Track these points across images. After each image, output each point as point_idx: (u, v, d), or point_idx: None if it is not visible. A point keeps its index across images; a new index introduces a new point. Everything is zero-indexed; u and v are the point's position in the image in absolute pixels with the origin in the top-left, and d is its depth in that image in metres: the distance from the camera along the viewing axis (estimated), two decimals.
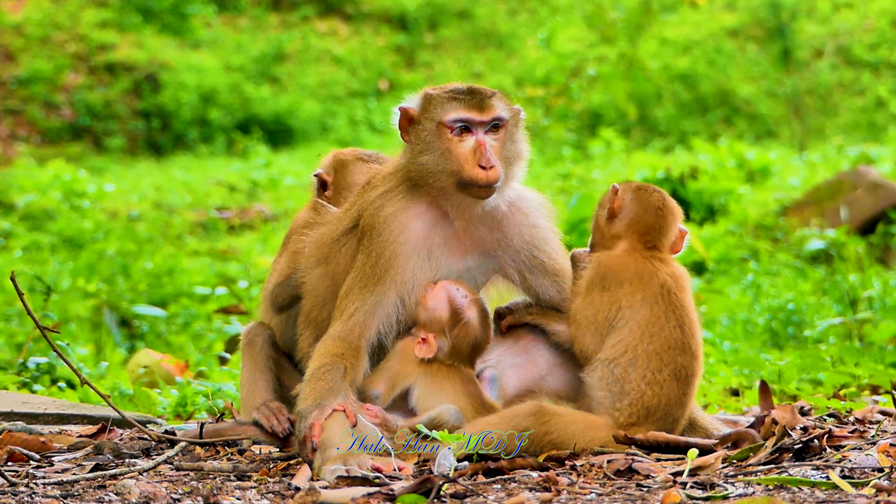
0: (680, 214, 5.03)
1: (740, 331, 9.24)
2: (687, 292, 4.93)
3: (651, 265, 4.90)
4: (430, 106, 4.94)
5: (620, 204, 4.97)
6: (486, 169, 4.86)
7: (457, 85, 4.99)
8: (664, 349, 4.82)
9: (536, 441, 4.76)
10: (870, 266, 11.83)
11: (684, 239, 5.05)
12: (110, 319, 9.98)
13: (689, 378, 4.85)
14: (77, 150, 21.27)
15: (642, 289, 4.85)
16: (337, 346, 4.86)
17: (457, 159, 4.88)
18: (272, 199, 17.22)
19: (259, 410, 5.31)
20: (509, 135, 4.98)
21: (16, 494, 4.44)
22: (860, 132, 21.21)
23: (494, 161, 4.87)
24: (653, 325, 4.83)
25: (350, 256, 5.04)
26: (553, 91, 19.48)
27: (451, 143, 4.91)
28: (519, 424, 4.75)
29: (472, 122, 4.91)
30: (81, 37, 23.18)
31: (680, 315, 4.85)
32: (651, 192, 5.02)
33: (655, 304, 4.83)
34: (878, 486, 4.10)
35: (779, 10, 22.95)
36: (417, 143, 4.95)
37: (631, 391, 4.78)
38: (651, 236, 4.94)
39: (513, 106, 5.03)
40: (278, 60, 23.75)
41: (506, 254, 5.06)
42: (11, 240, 14.77)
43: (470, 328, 5.01)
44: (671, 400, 4.81)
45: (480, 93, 4.94)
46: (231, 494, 4.44)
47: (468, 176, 4.86)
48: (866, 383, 6.87)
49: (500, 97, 4.98)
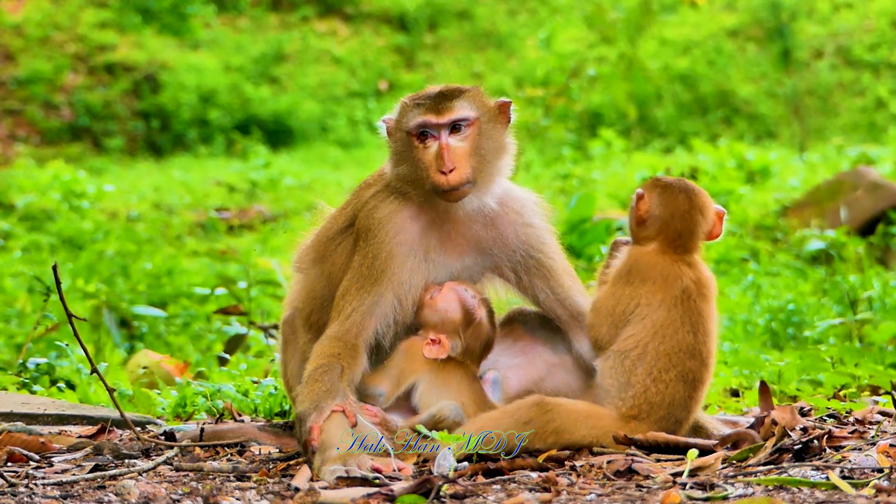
0: (709, 204, 5.01)
1: (740, 331, 9.23)
2: (708, 300, 4.93)
3: (678, 269, 4.91)
4: (401, 115, 4.96)
5: (647, 209, 4.96)
6: (445, 174, 4.84)
7: (429, 90, 4.97)
8: (674, 351, 4.83)
9: (540, 431, 4.76)
10: (870, 266, 11.82)
11: (722, 221, 5.03)
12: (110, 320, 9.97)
13: (696, 383, 4.86)
14: (76, 150, 21.27)
15: (664, 290, 4.87)
16: (334, 347, 4.85)
17: (424, 166, 4.88)
18: (272, 200, 17.21)
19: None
20: (484, 132, 4.93)
21: (15, 495, 4.43)
22: (860, 132, 21.21)
23: (455, 163, 4.84)
24: (667, 327, 4.84)
25: (346, 256, 5.04)
26: (553, 91, 19.48)
27: (417, 150, 4.91)
28: (521, 416, 4.76)
29: (431, 126, 4.89)
30: (81, 37, 23.17)
31: (696, 321, 4.86)
32: (676, 195, 4.99)
33: (673, 308, 4.85)
34: (878, 487, 4.10)
35: (779, 10, 22.95)
36: (394, 153, 4.97)
37: (636, 384, 4.80)
38: (681, 240, 4.94)
39: (489, 101, 4.99)
40: (278, 61, 23.74)
41: (501, 253, 5.06)
42: (11, 240, 14.76)
43: (482, 328, 5.03)
44: (675, 400, 4.81)
45: (443, 95, 4.90)
46: (231, 495, 4.43)
47: (431, 182, 4.86)
48: (866, 384, 6.86)
49: (470, 96, 4.93)
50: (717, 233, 5.03)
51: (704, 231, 5.01)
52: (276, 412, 6.43)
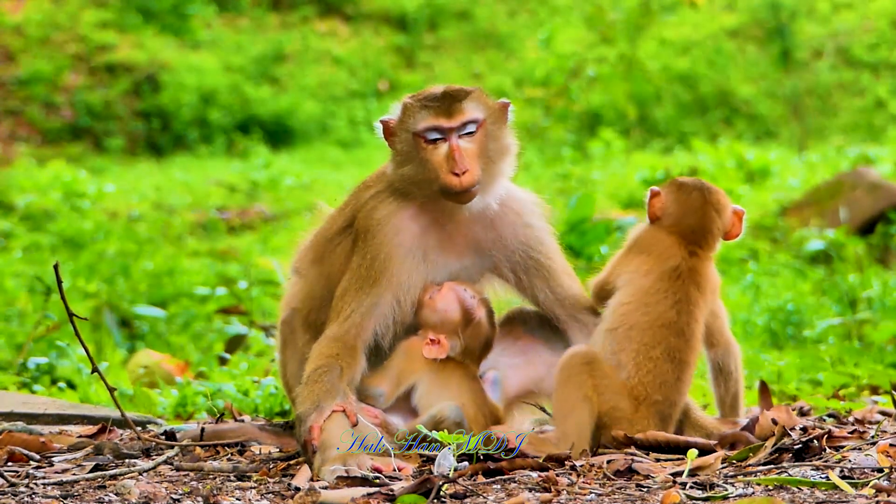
0: (725, 203, 5.02)
1: (740, 331, 9.23)
2: (701, 289, 4.93)
3: (679, 251, 4.95)
4: (405, 116, 4.94)
5: (662, 205, 4.99)
6: (459, 175, 4.85)
7: (431, 90, 4.96)
8: (657, 325, 4.85)
9: (582, 384, 4.78)
10: (869, 266, 11.83)
11: (742, 221, 5.05)
12: (110, 320, 9.98)
13: (682, 364, 4.86)
14: (77, 150, 21.27)
15: (655, 262, 4.92)
16: (333, 348, 4.85)
17: (433, 168, 4.87)
18: (272, 200, 17.21)
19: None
20: (489, 133, 4.95)
21: (16, 494, 4.44)
22: (860, 132, 21.21)
23: (468, 165, 4.85)
24: (650, 295, 4.88)
25: (345, 256, 5.04)
26: (553, 91, 19.49)
27: (425, 151, 4.90)
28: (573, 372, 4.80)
29: (442, 129, 4.89)
30: (81, 37, 23.17)
31: (681, 301, 4.88)
32: (690, 191, 5.02)
33: (659, 280, 4.89)
34: (878, 487, 4.11)
35: (778, 10, 22.96)
36: (398, 154, 4.96)
37: (627, 364, 4.83)
38: (695, 236, 4.96)
39: (493, 102, 4.99)
40: (278, 61, 23.74)
41: (500, 254, 5.06)
42: (11, 240, 14.77)
43: (481, 327, 5.03)
44: (667, 381, 4.83)
45: (451, 97, 4.90)
46: (231, 495, 4.44)
47: (443, 184, 4.86)
48: (866, 383, 6.87)
49: (475, 97, 4.94)
50: (737, 232, 5.04)
51: (721, 229, 5.01)
52: (277, 412, 6.44)
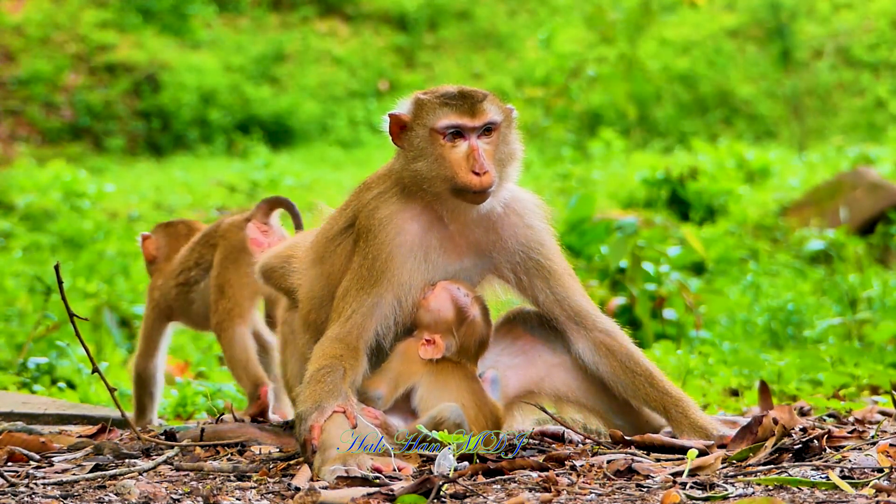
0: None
1: (740, 331, 9.24)
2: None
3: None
4: (422, 112, 4.92)
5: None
6: (479, 175, 4.84)
7: (448, 88, 4.96)
8: None
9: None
10: (869, 266, 11.84)
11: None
12: (110, 320, 9.98)
13: None
14: (77, 150, 21.28)
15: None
16: (335, 348, 4.85)
17: (450, 166, 4.86)
18: None
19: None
20: (502, 136, 4.95)
21: (16, 495, 4.44)
22: (860, 132, 21.23)
23: (488, 166, 4.85)
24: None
25: (345, 257, 5.04)
26: (553, 91, 19.49)
27: (443, 149, 4.89)
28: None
29: (465, 128, 4.89)
30: (81, 37, 23.18)
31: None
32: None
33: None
34: (878, 487, 4.10)
35: (778, 10, 22.97)
36: (410, 149, 4.93)
37: None
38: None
39: (504, 106, 5.01)
40: (278, 61, 23.75)
41: (501, 255, 5.06)
42: (11, 240, 14.77)
43: (476, 326, 5.02)
44: None
45: (472, 97, 4.90)
46: (231, 495, 4.44)
47: (462, 182, 4.85)
48: (866, 383, 6.88)
49: (492, 99, 4.95)
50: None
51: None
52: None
